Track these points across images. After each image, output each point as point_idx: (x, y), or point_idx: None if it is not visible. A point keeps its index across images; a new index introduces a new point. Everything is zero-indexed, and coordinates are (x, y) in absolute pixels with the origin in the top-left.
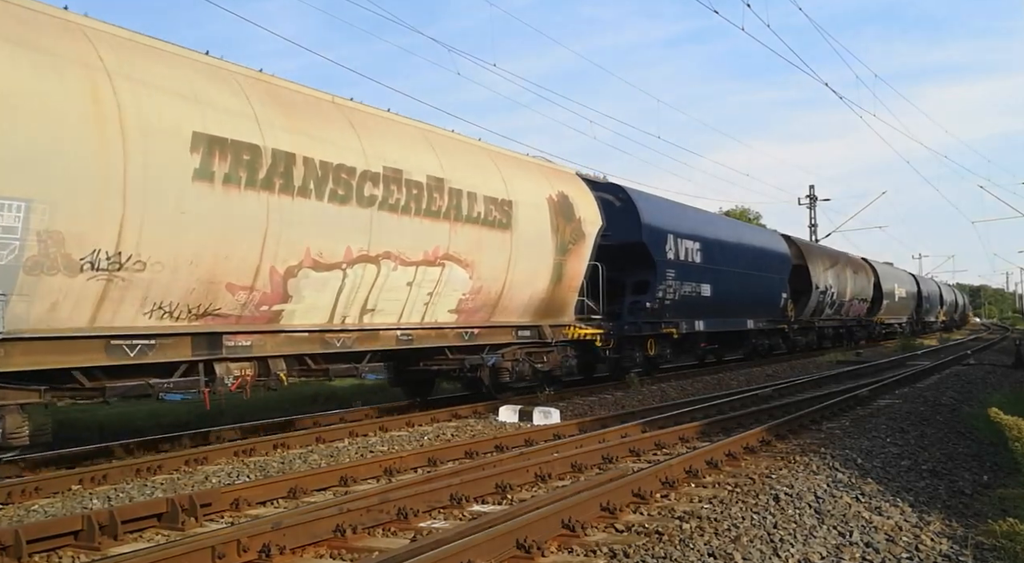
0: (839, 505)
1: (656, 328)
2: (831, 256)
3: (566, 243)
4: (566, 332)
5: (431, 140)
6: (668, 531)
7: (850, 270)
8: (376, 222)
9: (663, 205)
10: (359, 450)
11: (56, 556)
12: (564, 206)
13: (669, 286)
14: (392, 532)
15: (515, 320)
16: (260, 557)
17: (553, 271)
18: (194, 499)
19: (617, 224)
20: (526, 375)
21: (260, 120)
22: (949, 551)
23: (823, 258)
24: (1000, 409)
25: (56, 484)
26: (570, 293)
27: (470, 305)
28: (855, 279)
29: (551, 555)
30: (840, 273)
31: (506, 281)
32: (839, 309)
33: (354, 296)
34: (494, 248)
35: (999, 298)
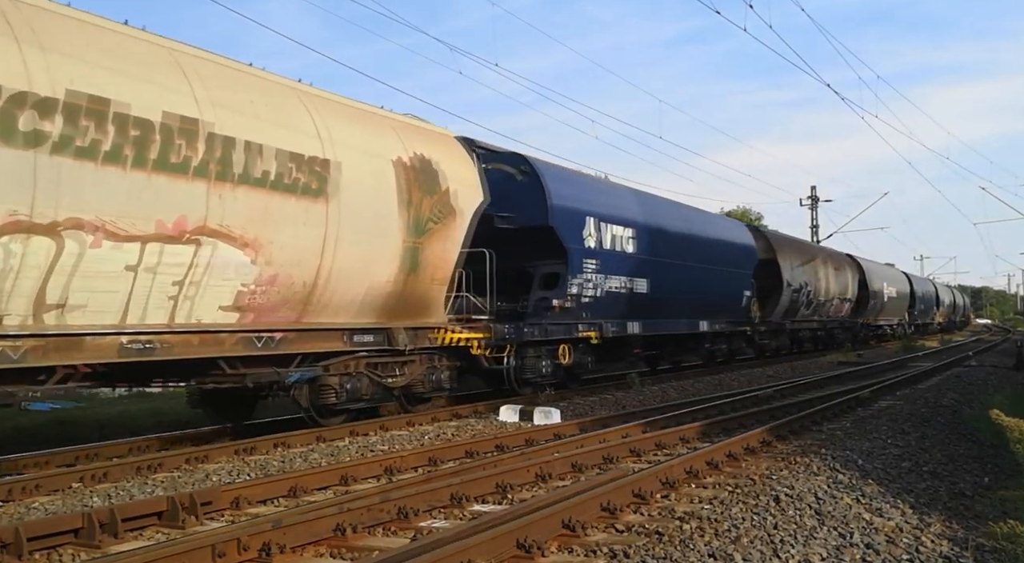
0: (840, 506)
1: (571, 331)
2: (807, 250)
3: (424, 221)
4: (433, 336)
5: (184, 64)
6: (668, 531)
7: (831, 266)
8: (50, 173)
9: (582, 182)
10: (360, 449)
11: (57, 554)
12: (423, 173)
13: (588, 280)
14: (392, 531)
15: (347, 321)
16: (260, 556)
17: (404, 257)
18: (194, 497)
19: (520, 203)
20: (363, 393)
21: None
22: (950, 553)
23: (797, 252)
24: (1001, 411)
25: (57, 482)
26: (434, 286)
27: (261, 301)
28: (837, 277)
29: (551, 555)
30: (818, 269)
31: (322, 268)
32: (817, 309)
33: (13, 285)
34: (298, 223)
35: (1001, 300)
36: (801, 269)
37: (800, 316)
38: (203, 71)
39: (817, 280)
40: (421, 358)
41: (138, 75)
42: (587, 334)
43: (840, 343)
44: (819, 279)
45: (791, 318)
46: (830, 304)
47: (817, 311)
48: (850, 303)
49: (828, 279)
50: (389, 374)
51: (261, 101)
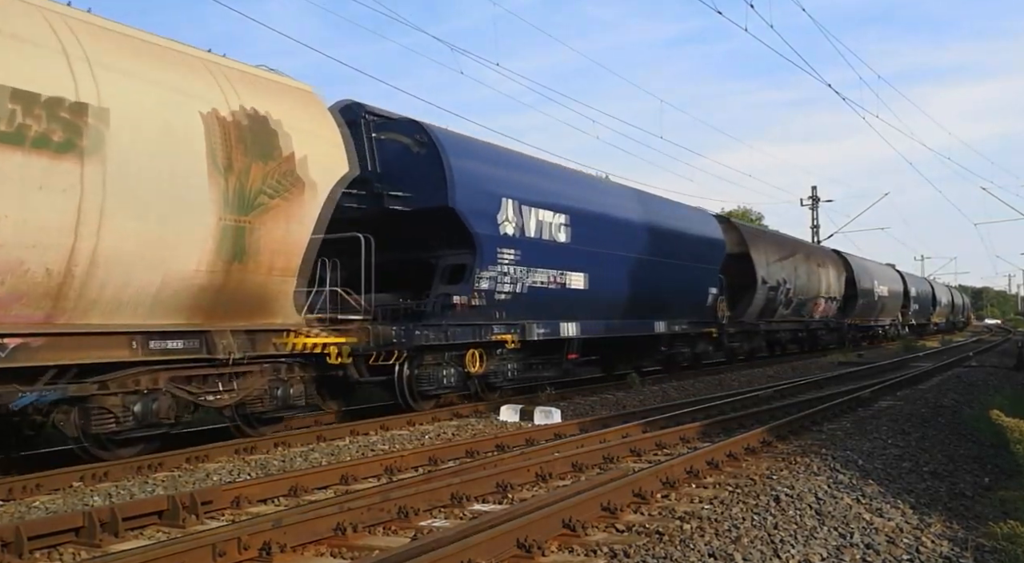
0: (840, 506)
1: (482, 333)
2: (786, 245)
3: (254, 194)
4: (281, 342)
5: None
6: (669, 531)
7: (814, 263)
8: None
9: (498, 157)
10: (360, 449)
11: (57, 553)
12: (254, 132)
13: (504, 274)
14: (392, 531)
15: (137, 323)
16: (261, 555)
17: (222, 239)
18: (195, 497)
19: (417, 180)
20: (163, 416)
21: None
22: (950, 553)
23: (774, 246)
24: (1001, 411)
25: (57, 481)
26: (275, 278)
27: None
28: (821, 274)
29: (551, 555)
30: (799, 266)
31: (78, 251)
32: (798, 309)
33: None
34: (28, 187)
35: (1001, 300)
36: (779, 265)
37: (778, 316)
38: None
39: (797, 277)
40: (263, 369)
41: None
42: (502, 337)
43: (825, 345)
44: (799, 276)
45: (767, 319)
46: (813, 303)
47: (798, 311)
48: (837, 302)
49: (810, 276)
50: (209, 390)
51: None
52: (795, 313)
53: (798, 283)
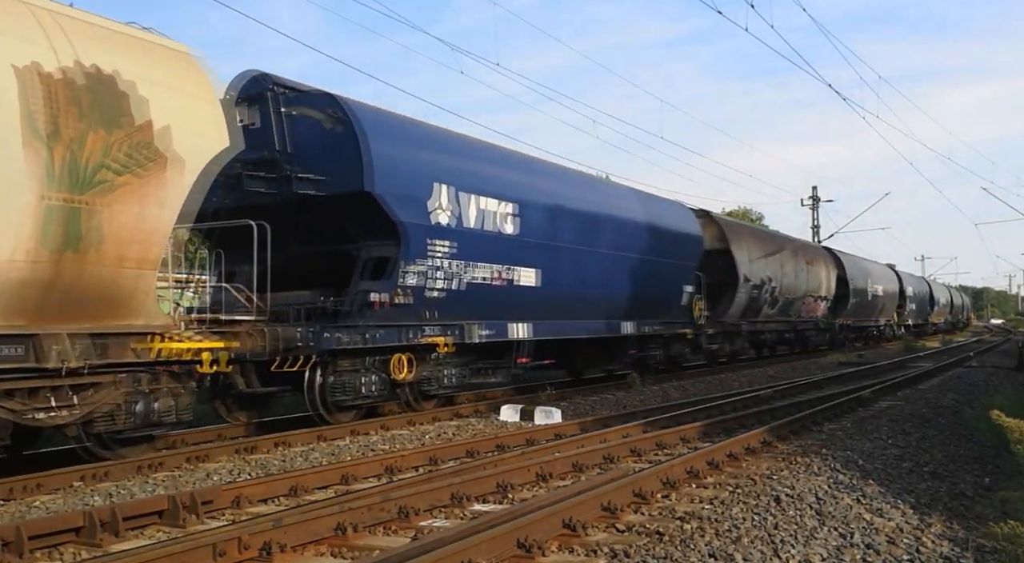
0: (840, 506)
1: (410, 335)
2: (771, 241)
3: (94, 169)
4: (142, 347)
5: None
6: (669, 531)
7: (802, 260)
8: None
9: (428, 137)
10: (360, 448)
11: (58, 552)
12: (93, 94)
13: (437, 268)
14: (393, 531)
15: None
16: (261, 555)
17: (46, 223)
18: (195, 496)
19: (331, 161)
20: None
21: None
22: (950, 553)
23: (757, 243)
24: (1002, 411)
25: (58, 481)
26: (129, 271)
27: None
28: (810, 272)
29: (552, 555)
30: (786, 264)
31: None
32: (785, 309)
33: None
34: None
35: (1002, 300)
36: (763, 262)
37: (763, 316)
38: None
39: (784, 275)
40: (117, 380)
41: None
42: (434, 340)
43: (815, 347)
44: (786, 274)
45: (750, 318)
46: (803, 303)
47: (785, 311)
48: (827, 302)
49: (799, 274)
50: (38, 406)
51: None
52: (781, 313)
53: (785, 281)
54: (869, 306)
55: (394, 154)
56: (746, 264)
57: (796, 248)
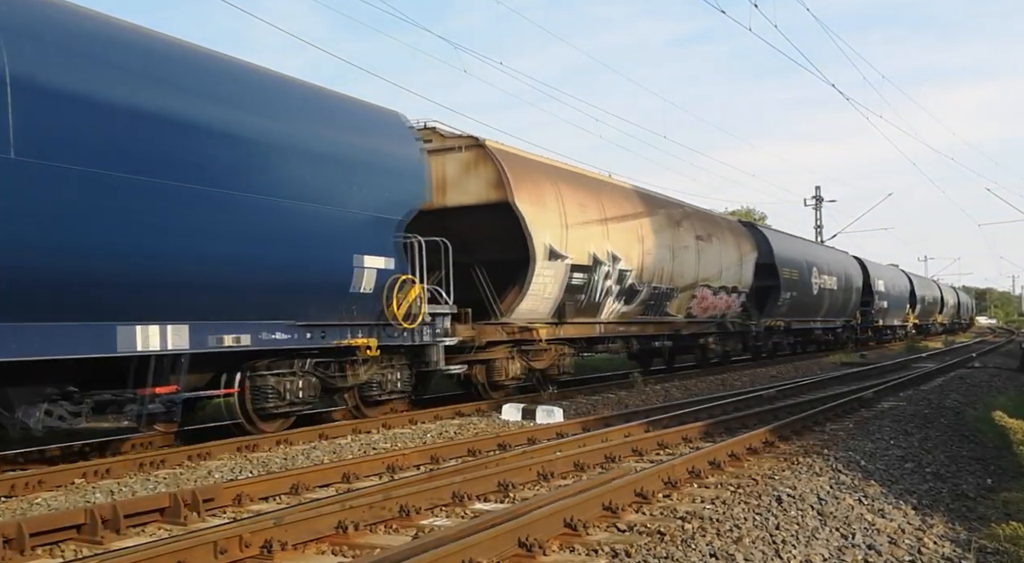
0: (842, 507)
1: None
2: (617, 199)
3: None
4: None
5: None
6: (670, 531)
7: (687, 235)
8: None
9: None
10: (362, 447)
11: (59, 549)
12: None
13: None
14: (394, 529)
15: None
16: (262, 553)
17: None
18: (196, 494)
19: None
20: None
21: None
22: (952, 554)
23: (577, 196)
24: (1005, 412)
25: (59, 478)
26: None
27: None
28: (704, 252)
29: (553, 554)
30: (650, 237)
31: None
32: (658, 304)
33: None
34: None
35: (1005, 301)
36: (598, 231)
37: (606, 314)
38: None
39: (646, 254)
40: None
41: None
42: None
43: (717, 358)
44: (660, 254)
45: (575, 318)
46: (689, 296)
47: (657, 307)
48: (742, 296)
49: (680, 254)
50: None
51: None
52: (650, 310)
53: (650, 263)
54: (813, 303)
55: None
56: (553, 231)
57: (677, 216)
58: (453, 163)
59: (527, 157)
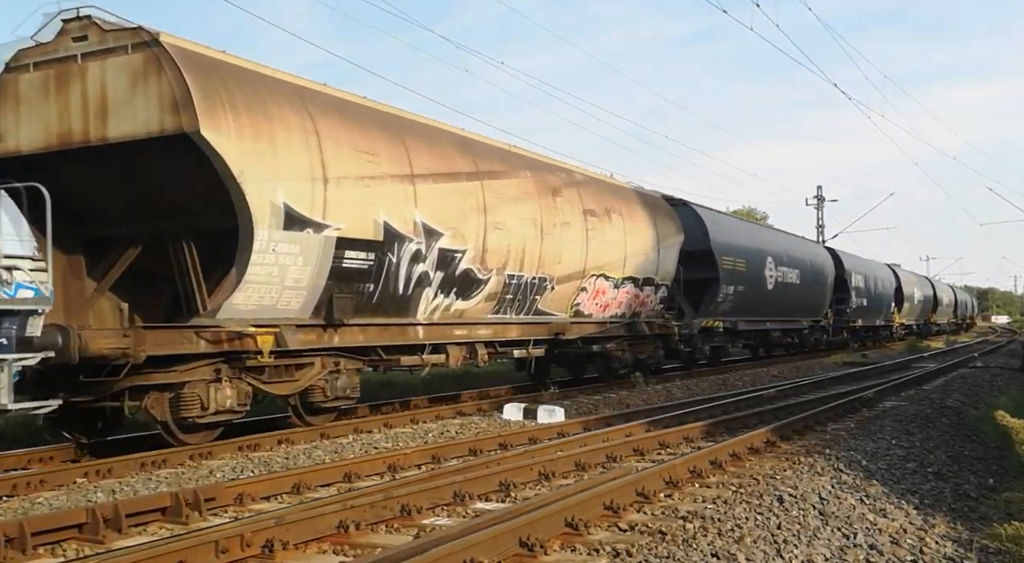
0: (843, 507)
1: None
2: (441, 147)
3: None
4: None
5: None
6: (671, 531)
7: (575, 208)
8: None
9: None
10: (363, 446)
11: (60, 549)
12: None
13: None
14: (395, 529)
15: None
16: (263, 552)
17: None
18: (198, 493)
19: None
20: None
21: None
22: (954, 554)
23: (379, 141)
24: (1007, 412)
25: (61, 477)
26: None
27: None
28: (616, 233)
29: (554, 553)
30: (507, 206)
31: None
32: (528, 298)
33: None
34: None
35: (1007, 301)
36: (401, 192)
37: (438, 311)
38: None
39: (508, 230)
40: None
41: None
42: None
43: (615, 372)
44: (524, 232)
45: (346, 316)
46: (577, 288)
47: (523, 304)
48: (662, 290)
49: (559, 232)
50: None
51: None
52: (511, 306)
53: (510, 243)
54: (766, 300)
55: None
56: (294, 186)
57: (554, 183)
58: (117, 72)
59: (246, 67)
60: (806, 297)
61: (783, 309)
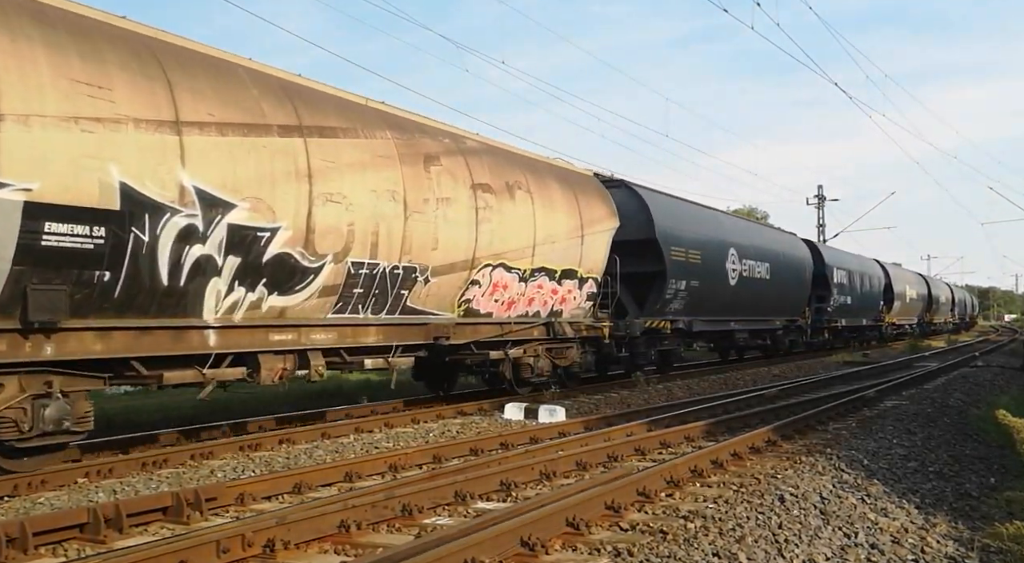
0: (844, 506)
1: None
2: (232, 87)
3: None
4: None
5: None
6: (672, 530)
7: (462, 183)
8: None
9: None
10: (364, 446)
11: (62, 548)
12: None
13: None
14: (396, 528)
15: None
16: (264, 552)
17: None
18: (199, 493)
19: None
20: None
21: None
22: (955, 553)
23: (111, 70)
24: (1008, 411)
25: (62, 477)
26: None
27: None
28: (520, 215)
29: (555, 553)
30: (344, 174)
31: None
32: (388, 293)
33: None
34: None
35: (1008, 300)
36: (156, 142)
37: (242, 309)
38: None
39: (320, 201)
40: None
41: None
42: None
43: (525, 382)
44: (373, 211)
45: None
46: (461, 280)
47: (386, 298)
48: (594, 284)
49: (454, 215)
50: None
51: None
52: (367, 303)
53: (351, 221)
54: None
55: None
56: None
57: (429, 149)
58: None
59: None
60: (778, 294)
61: (750, 307)
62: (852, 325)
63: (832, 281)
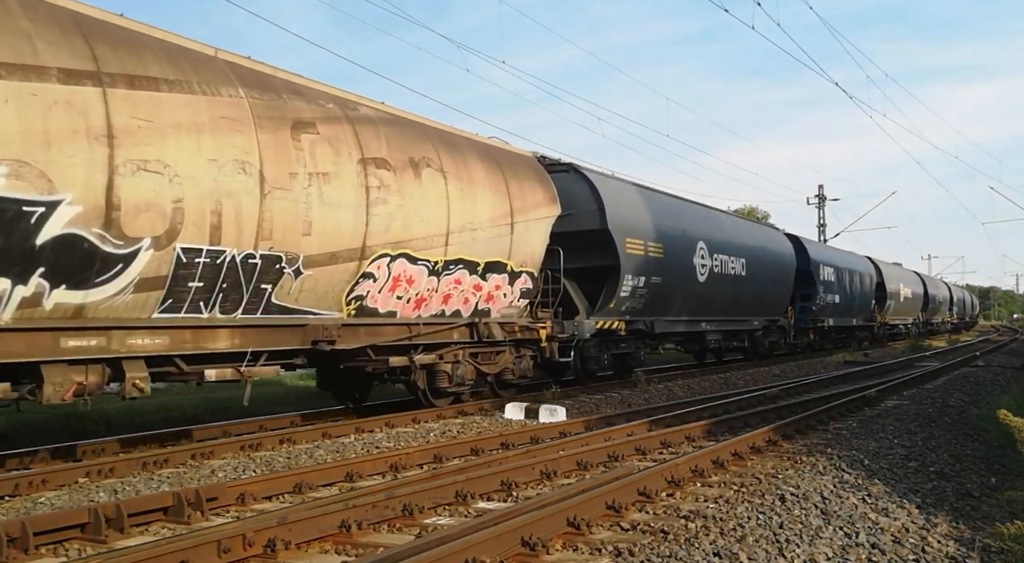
0: (845, 506)
1: None
2: None
3: None
4: None
5: None
6: (673, 530)
7: (347, 156)
8: None
9: None
10: (365, 446)
11: (63, 548)
12: None
13: None
14: (397, 528)
15: None
16: (265, 551)
17: None
18: (200, 493)
19: None
20: None
21: None
22: (956, 553)
23: None
24: (1009, 411)
25: (63, 477)
26: None
27: None
28: (433, 195)
29: (556, 553)
30: (168, 136)
31: None
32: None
33: None
34: None
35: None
36: None
37: (14, 306)
38: None
39: (126, 169)
40: None
41: None
42: None
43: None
44: (210, 186)
45: None
46: (351, 272)
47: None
48: (528, 278)
49: (335, 195)
50: None
51: None
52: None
53: (175, 194)
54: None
55: None
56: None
57: (299, 113)
58: None
59: None
60: (756, 292)
61: (724, 306)
62: (841, 325)
63: (818, 278)
